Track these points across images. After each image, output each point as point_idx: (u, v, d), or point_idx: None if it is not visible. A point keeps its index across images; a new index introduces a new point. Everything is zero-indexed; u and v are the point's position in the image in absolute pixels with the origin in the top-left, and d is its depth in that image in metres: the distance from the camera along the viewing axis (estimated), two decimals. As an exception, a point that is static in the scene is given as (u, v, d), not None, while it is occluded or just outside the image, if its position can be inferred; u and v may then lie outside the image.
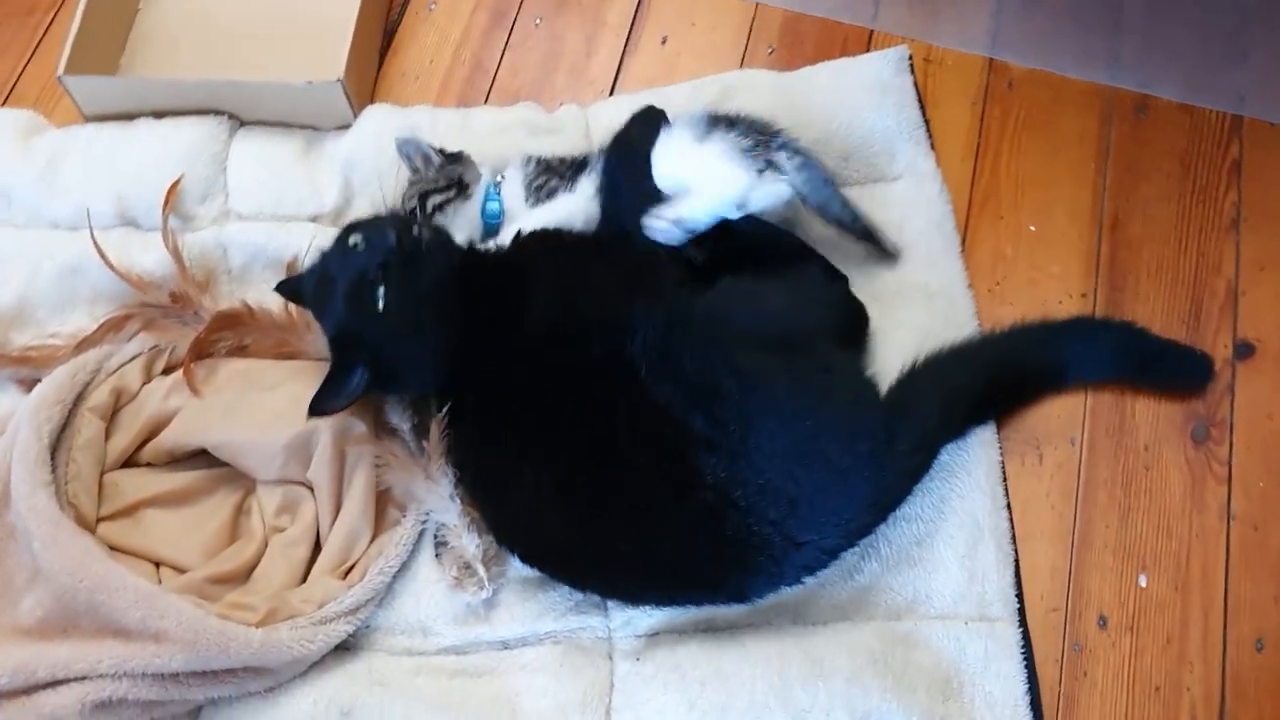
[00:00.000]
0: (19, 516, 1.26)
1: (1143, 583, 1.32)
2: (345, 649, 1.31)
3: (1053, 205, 1.53)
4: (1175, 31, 1.65)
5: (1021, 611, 1.30)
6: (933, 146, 1.56)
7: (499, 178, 1.46)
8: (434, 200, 1.42)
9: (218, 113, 1.61)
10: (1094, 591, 1.32)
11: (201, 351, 1.41)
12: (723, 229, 1.37)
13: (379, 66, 1.72)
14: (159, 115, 1.61)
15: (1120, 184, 1.54)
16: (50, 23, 1.82)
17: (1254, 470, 1.37)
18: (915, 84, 1.60)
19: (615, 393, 1.23)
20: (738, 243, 1.40)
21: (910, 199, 1.52)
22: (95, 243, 1.48)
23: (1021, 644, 1.28)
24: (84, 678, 1.19)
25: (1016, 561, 1.33)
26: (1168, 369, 1.42)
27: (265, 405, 1.36)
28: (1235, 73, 1.61)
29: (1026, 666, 1.27)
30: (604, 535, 1.23)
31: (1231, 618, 1.30)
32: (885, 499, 1.28)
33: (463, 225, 1.43)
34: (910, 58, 1.62)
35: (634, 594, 1.30)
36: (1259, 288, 1.46)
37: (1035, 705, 1.26)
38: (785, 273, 1.40)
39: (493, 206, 1.44)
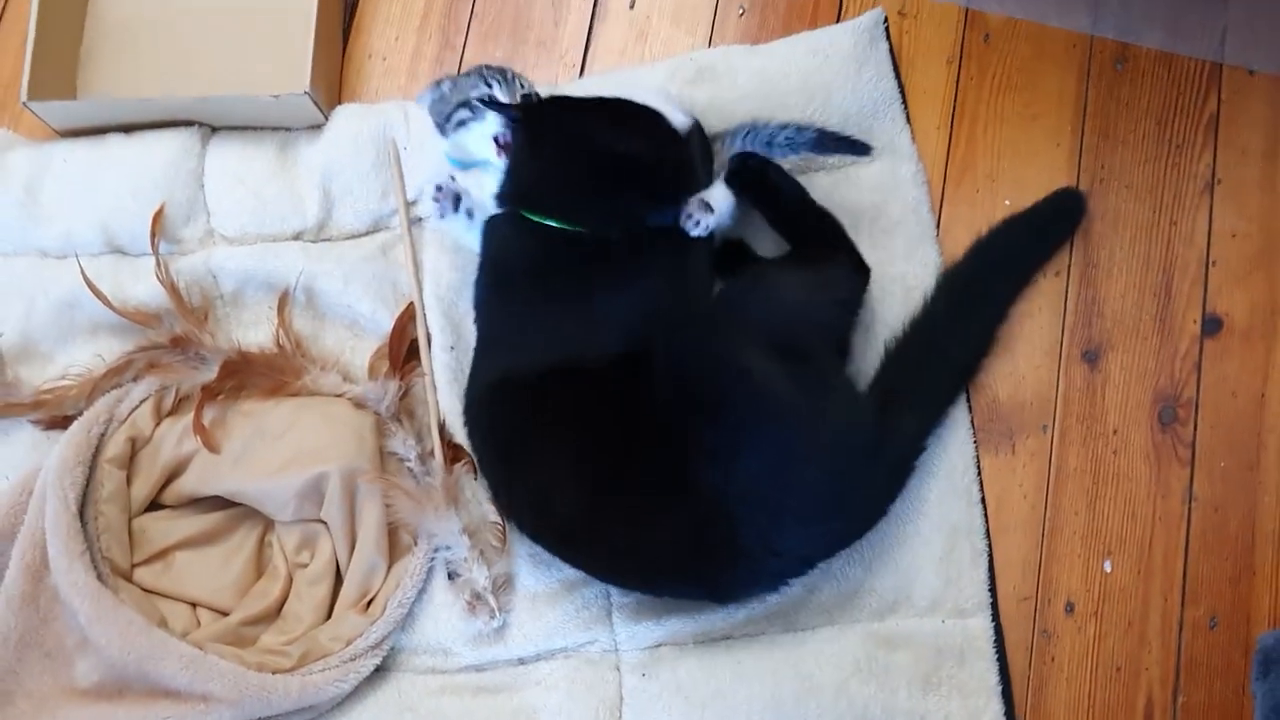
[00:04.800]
0: (61, 588, 1.36)
1: (1107, 568, 1.42)
2: (375, 670, 1.42)
3: (1029, 176, 1.53)
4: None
5: (994, 605, 1.40)
6: (909, 120, 1.55)
7: None
8: (461, 115, 1.42)
9: (187, 123, 1.59)
10: (1062, 579, 1.42)
11: (210, 400, 1.46)
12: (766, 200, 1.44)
13: (344, 47, 1.68)
14: (128, 129, 1.60)
15: (1097, 150, 1.53)
16: (3, 9, 1.76)
17: (1218, 451, 1.44)
18: (891, 50, 1.57)
19: (630, 389, 1.31)
20: (775, 214, 1.47)
21: (886, 183, 1.52)
22: (88, 282, 1.51)
23: (994, 636, 1.39)
24: (144, 736, 1.32)
25: (990, 556, 1.42)
26: None
27: (273, 454, 1.42)
28: (1216, 14, 1.57)
29: (999, 657, 1.39)
30: (603, 525, 1.32)
31: (1189, 599, 1.40)
32: (866, 518, 1.37)
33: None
34: (885, 18, 1.58)
35: (626, 581, 1.40)
36: (1230, 256, 1.49)
37: (1006, 693, 1.38)
38: (810, 260, 1.45)
39: None
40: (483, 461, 1.42)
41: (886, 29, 1.57)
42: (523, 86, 1.43)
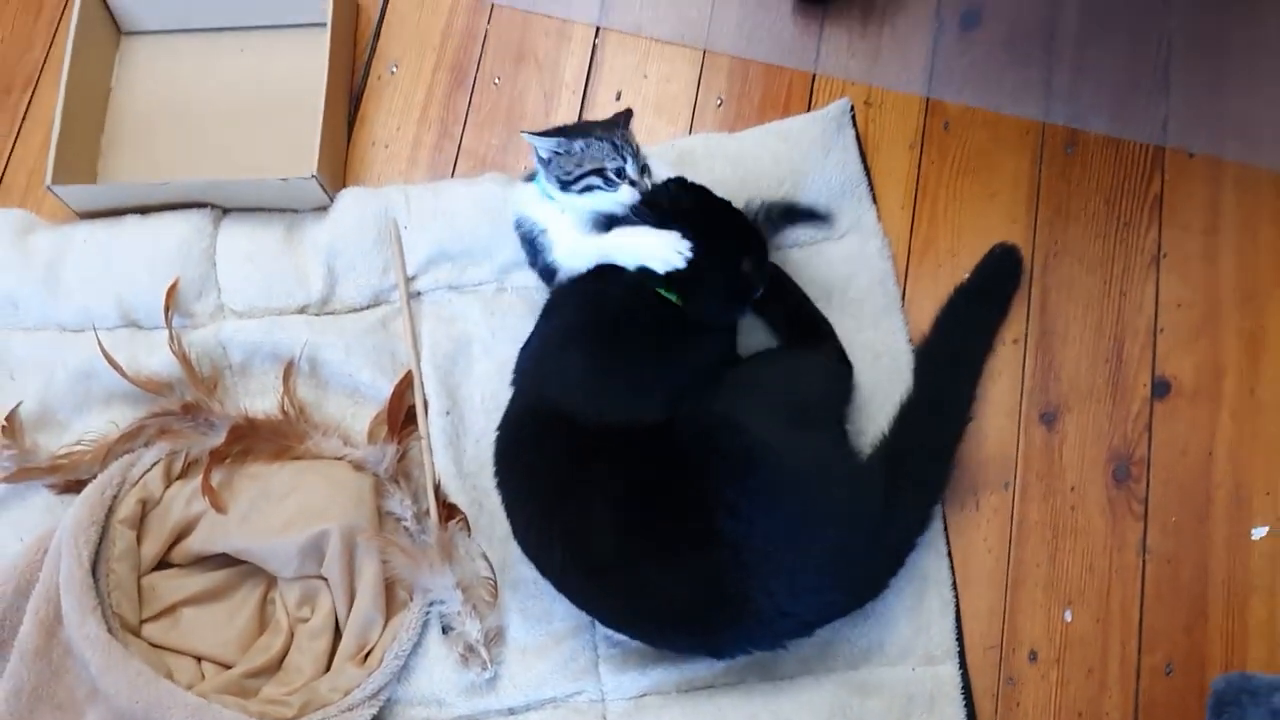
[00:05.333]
0: (73, 641, 1.43)
1: (1068, 618, 1.50)
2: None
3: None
4: (1104, 62, 1.72)
5: (962, 653, 1.48)
6: (874, 200, 1.66)
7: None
8: (591, 181, 1.47)
9: (200, 205, 1.70)
10: (1026, 629, 1.50)
11: (218, 463, 1.54)
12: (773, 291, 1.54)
13: (349, 136, 1.80)
14: (144, 211, 1.71)
15: (1050, 226, 1.65)
16: (29, 101, 1.88)
17: (1169, 506, 1.52)
18: (857, 135, 1.69)
19: (666, 444, 1.40)
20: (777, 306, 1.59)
21: (854, 257, 1.63)
22: (105, 353, 1.60)
23: (961, 683, 1.46)
24: (151, 786, 1.38)
25: (957, 606, 1.50)
26: None
27: (277, 514, 1.50)
28: (1158, 102, 1.70)
29: (966, 704, 1.46)
30: (632, 564, 1.37)
31: (1146, 646, 1.48)
32: (870, 585, 1.44)
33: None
34: (851, 107, 1.70)
35: (636, 625, 1.44)
36: (1176, 324, 1.59)
37: (974, 738, 1.45)
38: (806, 348, 1.57)
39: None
40: (515, 499, 1.45)
41: (853, 117, 1.70)
42: (638, 155, 1.49)
